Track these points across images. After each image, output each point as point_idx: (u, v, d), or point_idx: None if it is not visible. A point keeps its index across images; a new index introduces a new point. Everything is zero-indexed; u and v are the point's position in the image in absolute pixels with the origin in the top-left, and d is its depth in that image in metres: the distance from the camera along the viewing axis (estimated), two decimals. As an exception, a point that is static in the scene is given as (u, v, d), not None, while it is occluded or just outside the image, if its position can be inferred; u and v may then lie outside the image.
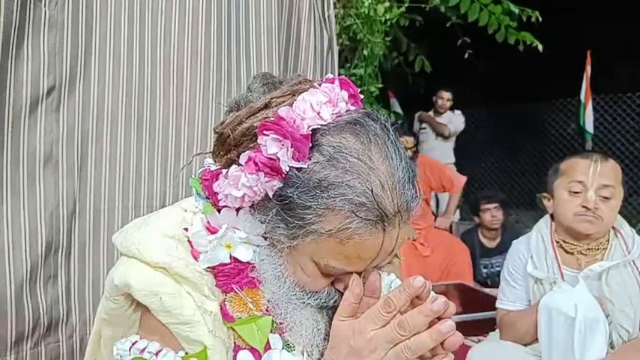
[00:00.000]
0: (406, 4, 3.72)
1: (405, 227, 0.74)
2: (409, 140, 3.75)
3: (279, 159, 0.71)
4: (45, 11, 1.22)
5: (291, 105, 0.74)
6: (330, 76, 0.80)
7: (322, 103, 0.74)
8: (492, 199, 3.98)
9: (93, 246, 1.35)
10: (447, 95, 5.16)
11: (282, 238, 0.76)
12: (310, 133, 0.72)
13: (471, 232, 4.17)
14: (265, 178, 0.72)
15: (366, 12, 3.37)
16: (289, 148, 0.71)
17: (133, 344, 0.79)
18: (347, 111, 0.77)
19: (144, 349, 0.78)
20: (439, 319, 0.70)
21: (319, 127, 0.73)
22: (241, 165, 0.75)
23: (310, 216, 0.71)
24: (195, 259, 0.79)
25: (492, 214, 3.91)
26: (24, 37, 1.19)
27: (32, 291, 1.22)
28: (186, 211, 0.85)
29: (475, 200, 4.17)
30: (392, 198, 0.70)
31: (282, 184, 0.73)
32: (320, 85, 0.78)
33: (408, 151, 3.51)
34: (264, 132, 0.72)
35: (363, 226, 0.69)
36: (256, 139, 0.74)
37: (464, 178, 4.13)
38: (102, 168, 1.36)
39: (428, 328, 0.70)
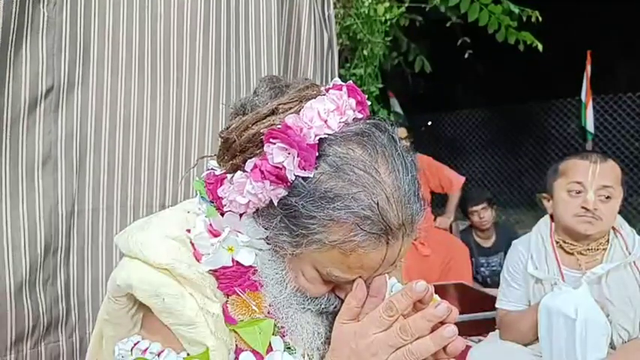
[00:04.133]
0: (406, 4, 3.72)
1: (409, 239, 0.73)
2: (403, 131, 3.69)
3: (285, 168, 0.70)
4: (43, 12, 1.22)
5: (298, 112, 0.74)
6: (337, 81, 0.79)
7: (330, 111, 0.73)
8: (478, 201, 3.93)
9: (92, 246, 1.35)
10: None
11: (285, 245, 0.75)
12: (317, 142, 0.72)
13: (466, 232, 4.15)
14: (271, 186, 0.72)
15: (366, 12, 3.37)
16: (295, 157, 0.70)
17: (134, 345, 0.79)
18: (354, 119, 0.76)
19: (146, 350, 0.78)
20: (442, 323, 0.70)
21: (326, 136, 0.72)
22: (247, 172, 0.75)
23: (314, 226, 0.70)
24: (198, 260, 0.79)
25: (480, 215, 3.89)
26: (22, 38, 1.19)
27: (32, 291, 1.22)
28: (188, 212, 0.84)
29: (464, 202, 4.11)
30: (397, 212, 0.70)
31: (287, 193, 0.73)
32: (327, 90, 0.77)
33: (403, 140, 3.45)
34: (271, 140, 0.72)
35: (367, 239, 0.69)
36: (262, 145, 0.73)
37: (462, 178, 4.12)
38: (100, 168, 1.36)
39: (430, 332, 0.69)
